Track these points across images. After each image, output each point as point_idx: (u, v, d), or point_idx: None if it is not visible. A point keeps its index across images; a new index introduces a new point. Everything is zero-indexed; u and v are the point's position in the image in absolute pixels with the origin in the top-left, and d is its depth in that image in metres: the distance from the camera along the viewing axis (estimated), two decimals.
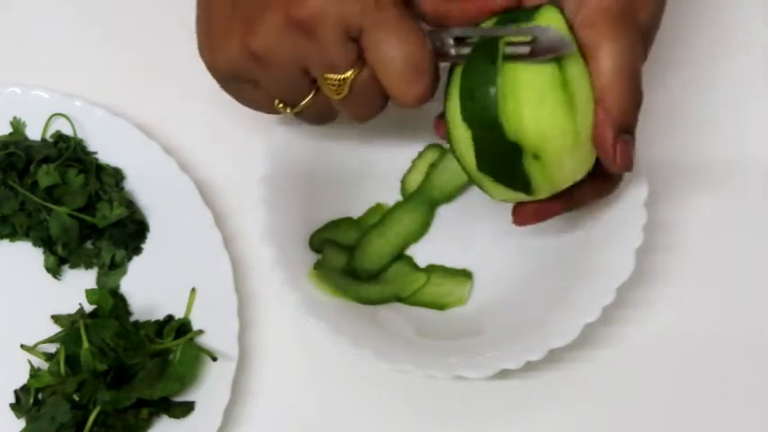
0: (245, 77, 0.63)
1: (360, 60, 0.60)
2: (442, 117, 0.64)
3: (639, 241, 0.68)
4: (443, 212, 0.74)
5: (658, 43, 0.63)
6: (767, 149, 0.77)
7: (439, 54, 0.61)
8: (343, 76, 0.61)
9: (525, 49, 0.59)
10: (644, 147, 0.69)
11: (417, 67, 0.60)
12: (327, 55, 0.60)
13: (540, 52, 0.59)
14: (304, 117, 0.66)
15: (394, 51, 0.59)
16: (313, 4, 0.58)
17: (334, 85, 0.61)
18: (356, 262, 0.72)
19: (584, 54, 0.60)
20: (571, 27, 0.60)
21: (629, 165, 0.61)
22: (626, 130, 0.61)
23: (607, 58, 0.59)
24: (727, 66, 0.79)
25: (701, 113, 0.78)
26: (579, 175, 0.63)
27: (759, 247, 0.74)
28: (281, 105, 0.64)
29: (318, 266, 0.70)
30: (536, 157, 0.60)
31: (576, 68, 0.60)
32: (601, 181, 0.65)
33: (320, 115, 0.66)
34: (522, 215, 0.66)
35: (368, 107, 0.63)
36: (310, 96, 0.63)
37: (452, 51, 0.61)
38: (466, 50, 0.61)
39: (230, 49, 0.61)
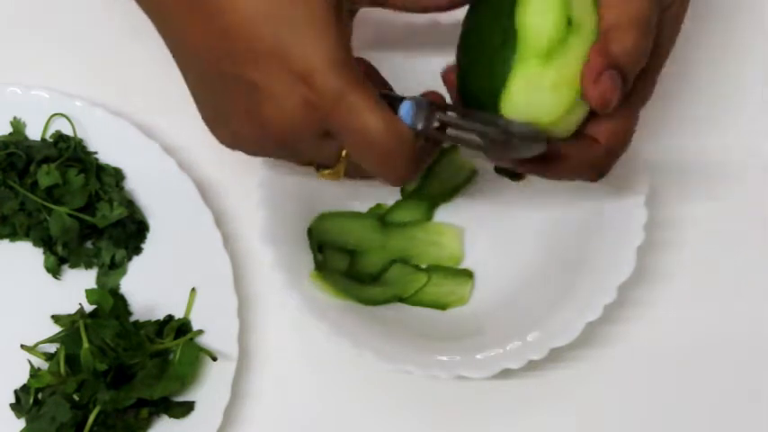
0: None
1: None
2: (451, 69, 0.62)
3: (640, 240, 0.68)
4: (443, 212, 0.74)
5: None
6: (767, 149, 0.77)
7: (423, 127, 0.58)
8: (334, 170, 0.61)
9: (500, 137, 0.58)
10: (645, 145, 0.69)
11: (386, 156, 0.57)
12: (314, 157, 0.60)
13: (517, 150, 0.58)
14: (350, 176, 0.64)
15: (363, 148, 0.57)
16: (276, 128, 0.57)
17: (328, 176, 0.62)
18: (357, 263, 0.72)
19: None
20: None
21: (607, 101, 0.57)
22: (620, 70, 0.57)
23: (619, 2, 0.57)
24: (727, 65, 0.79)
25: (702, 113, 0.78)
26: (546, 107, 0.59)
27: (759, 246, 0.74)
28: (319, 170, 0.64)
29: (320, 268, 0.70)
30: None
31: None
32: (590, 146, 0.60)
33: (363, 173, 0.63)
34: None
35: (370, 176, 0.62)
36: (339, 163, 0.62)
37: (436, 124, 0.59)
38: (452, 132, 0.59)
39: (227, 144, 0.62)
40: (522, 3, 0.58)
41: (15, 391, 0.68)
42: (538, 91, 0.58)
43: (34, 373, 0.67)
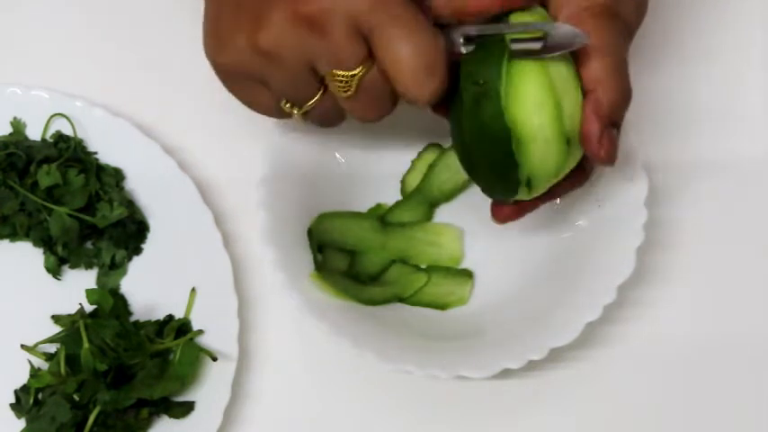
0: (252, 76, 0.62)
1: (369, 58, 0.59)
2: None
3: (640, 240, 0.68)
4: (443, 212, 0.74)
5: (659, 43, 0.63)
6: None
7: (449, 53, 0.60)
8: (351, 73, 0.59)
9: (536, 45, 0.58)
10: (644, 146, 0.69)
11: (430, 66, 0.58)
12: (336, 51, 0.59)
13: (552, 48, 0.58)
14: (311, 118, 0.64)
15: (405, 49, 0.58)
16: (322, 0, 0.57)
17: (341, 83, 0.60)
18: (357, 264, 0.72)
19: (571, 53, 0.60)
20: None
21: (613, 158, 0.60)
22: (613, 124, 0.60)
23: (595, 53, 0.59)
24: (727, 66, 0.79)
25: (702, 113, 0.78)
26: (563, 174, 0.62)
27: (759, 246, 0.74)
28: (287, 105, 0.63)
29: (320, 268, 0.70)
30: (525, 157, 0.60)
31: (563, 69, 0.60)
32: (577, 173, 0.64)
33: (328, 116, 0.64)
34: (501, 212, 0.66)
35: (376, 107, 0.62)
36: (318, 96, 0.62)
37: (462, 50, 0.60)
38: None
39: (237, 46, 0.60)
40: (524, 145, 0.59)
41: (15, 391, 0.68)
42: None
43: (34, 373, 0.67)
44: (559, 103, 0.59)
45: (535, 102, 0.59)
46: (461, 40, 0.60)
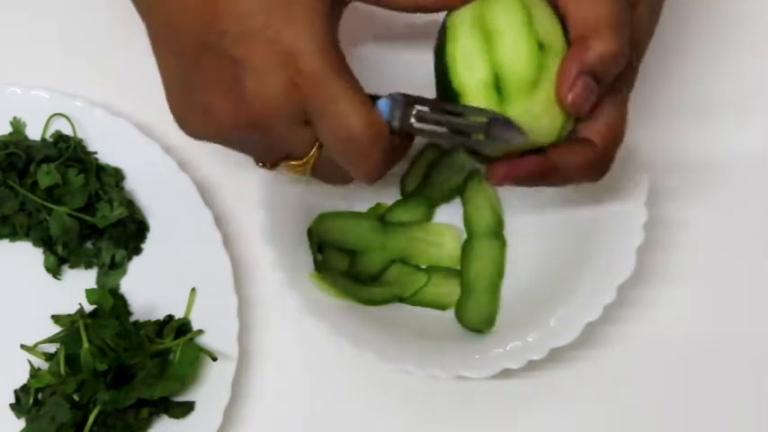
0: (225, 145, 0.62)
1: (318, 141, 0.59)
2: None
3: (640, 240, 0.68)
4: (443, 212, 0.74)
5: (660, 43, 0.63)
6: None
7: (400, 123, 0.58)
8: (302, 161, 0.60)
9: (480, 136, 0.58)
10: (645, 146, 0.69)
11: (360, 149, 0.57)
12: (282, 146, 0.59)
13: (493, 141, 0.58)
14: (317, 175, 0.64)
15: (338, 138, 0.57)
16: (255, 106, 0.57)
17: (296, 169, 0.61)
18: (357, 264, 0.72)
19: (565, 8, 0.59)
20: None
21: (580, 107, 0.58)
22: (594, 75, 0.58)
23: (592, 2, 0.58)
24: (728, 65, 0.79)
25: (703, 112, 0.78)
26: (539, 131, 0.59)
27: (759, 246, 0.74)
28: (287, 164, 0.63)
29: (320, 268, 0.70)
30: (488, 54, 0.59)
31: (549, 24, 0.59)
32: (586, 150, 0.61)
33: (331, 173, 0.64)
34: (494, 172, 0.61)
35: (335, 178, 0.62)
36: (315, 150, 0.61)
37: (413, 121, 0.59)
38: (428, 126, 0.59)
39: (194, 131, 0.60)
40: (495, 41, 0.58)
41: (15, 391, 0.68)
42: (532, 120, 0.59)
43: (34, 373, 0.67)
44: (529, 10, 0.58)
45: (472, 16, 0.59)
46: (413, 120, 0.59)
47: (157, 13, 0.60)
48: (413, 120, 0.59)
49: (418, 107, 0.59)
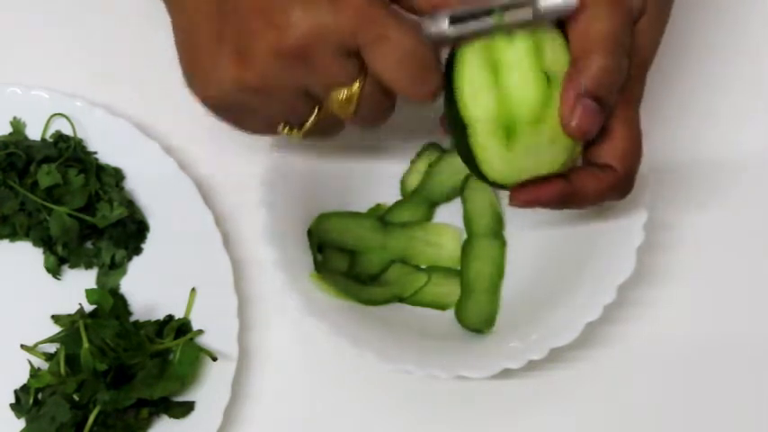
0: (243, 108, 0.61)
1: (362, 71, 0.59)
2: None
3: (640, 240, 0.68)
4: (443, 212, 0.74)
5: (661, 45, 0.63)
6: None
7: (438, 40, 0.59)
8: (348, 93, 0.59)
9: (527, 14, 0.57)
10: (645, 146, 0.69)
11: (424, 66, 0.58)
12: (328, 77, 0.58)
13: (543, 15, 0.57)
14: (309, 135, 0.63)
15: (398, 59, 0.57)
16: (303, 30, 0.56)
17: (341, 102, 0.60)
18: (357, 264, 0.72)
19: (566, 25, 0.59)
20: None
21: (586, 130, 0.58)
22: (594, 96, 0.58)
23: (592, 22, 0.58)
24: (728, 66, 0.79)
25: (703, 113, 0.78)
26: (549, 160, 0.61)
27: (760, 247, 0.74)
28: (285, 130, 0.63)
29: (320, 268, 0.70)
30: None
31: (557, 49, 0.59)
32: (607, 174, 0.62)
33: (327, 130, 0.64)
34: (517, 197, 0.63)
35: (378, 115, 0.62)
36: (314, 115, 0.61)
37: (449, 33, 0.59)
38: (464, 29, 0.59)
39: (223, 83, 0.59)
40: (503, 75, 0.58)
41: (15, 391, 0.68)
42: (537, 151, 0.59)
43: (34, 373, 0.67)
44: (537, 41, 0.58)
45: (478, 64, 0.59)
46: (446, 24, 0.58)
47: None
48: (445, 24, 0.58)
49: (449, 11, 0.59)
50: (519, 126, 0.59)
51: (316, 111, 0.61)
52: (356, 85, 0.59)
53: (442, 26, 0.59)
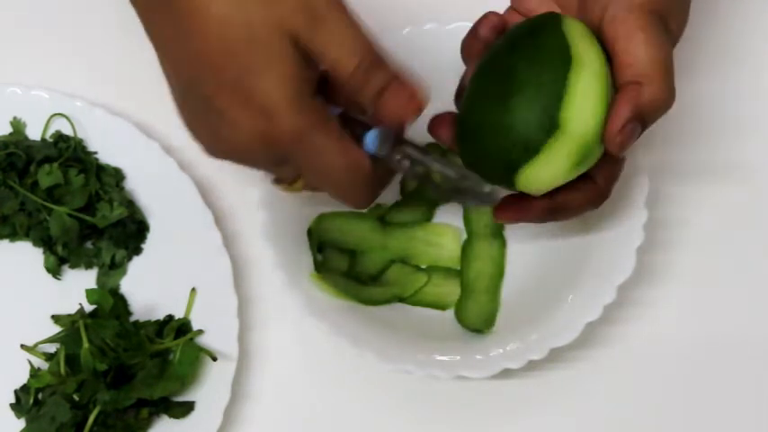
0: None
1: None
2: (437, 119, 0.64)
3: (640, 240, 0.68)
4: (443, 212, 0.74)
5: None
6: None
7: (386, 157, 0.60)
8: (295, 186, 0.62)
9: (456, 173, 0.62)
10: (645, 146, 0.69)
11: (349, 189, 0.59)
12: (273, 174, 0.61)
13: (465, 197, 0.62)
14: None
15: (320, 180, 0.59)
16: (237, 149, 0.58)
17: (291, 190, 0.62)
18: (357, 264, 0.72)
19: (613, 48, 0.59)
20: (598, 27, 0.60)
21: (624, 148, 0.59)
22: (642, 121, 0.59)
23: (644, 47, 0.59)
24: (728, 66, 0.79)
25: (703, 112, 0.78)
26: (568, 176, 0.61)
27: (759, 246, 0.74)
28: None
29: (319, 268, 0.70)
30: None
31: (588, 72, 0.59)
32: (589, 188, 0.63)
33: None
34: (501, 215, 0.65)
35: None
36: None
37: (399, 164, 0.61)
38: (411, 168, 0.61)
39: (207, 149, 0.61)
40: (572, 99, 0.58)
41: (15, 391, 0.68)
42: (556, 168, 0.60)
43: (34, 373, 0.67)
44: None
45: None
46: (398, 156, 0.61)
47: (156, 43, 0.60)
48: (397, 156, 0.60)
49: (404, 148, 0.61)
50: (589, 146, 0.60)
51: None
52: (299, 182, 0.61)
53: (394, 154, 0.60)
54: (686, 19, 0.62)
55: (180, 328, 0.69)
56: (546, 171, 0.60)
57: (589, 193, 0.63)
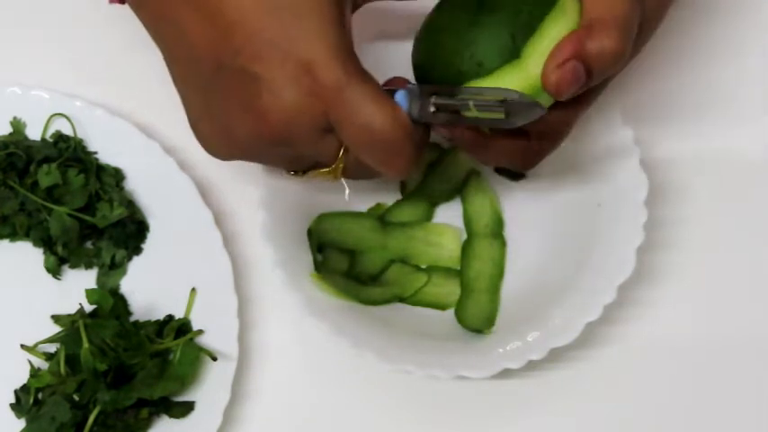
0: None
1: (344, 146, 0.59)
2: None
3: (640, 240, 0.68)
4: (443, 212, 0.74)
5: (661, 42, 0.63)
6: None
7: (419, 114, 0.59)
8: (331, 168, 0.60)
9: (500, 113, 0.57)
10: (644, 144, 0.69)
11: (393, 148, 0.57)
12: (309, 155, 0.59)
13: (512, 118, 0.57)
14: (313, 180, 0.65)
15: (366, 140, 0.57)
16: (277, 115, 0.56)
17: (325, 175, 0.61)
18: (357, 264, 0.72)
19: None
20: None
21: (561, 89, 0.56)
22: (588, 65, 0.57)
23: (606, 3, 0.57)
24: (729, 65, 0.79)
25: (704, 112, 0.78)
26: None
27: (759, 246, 0.74)
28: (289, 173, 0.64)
29: (319, 268, 0.70)
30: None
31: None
32: (518, 140, 0.61)
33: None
34: (457, 133, 0.61)
35: (367, 176, 0.62)
36: (309, 171, 0.63)
37: (432, 108, 0.59)
38: (446, 115, 0.59)
39: (220, 152, 0.61)
40: (540, 39, 0.58)
41: (15, 391, 0.68)
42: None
43: (34, 373, 0.67)
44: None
45: None
46: (432, 109, 0.59)
47: (172, 43, 0.60)
48: (432, 108, 0.59)
49: (435, 97, 0.59)
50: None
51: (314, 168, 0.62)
52: (337, 160, 0.60)
53: (428, 110, 0.59)
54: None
55: (180, 328, 0.69)
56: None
57: (518, 146, 0.61)
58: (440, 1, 0.62)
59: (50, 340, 0.68)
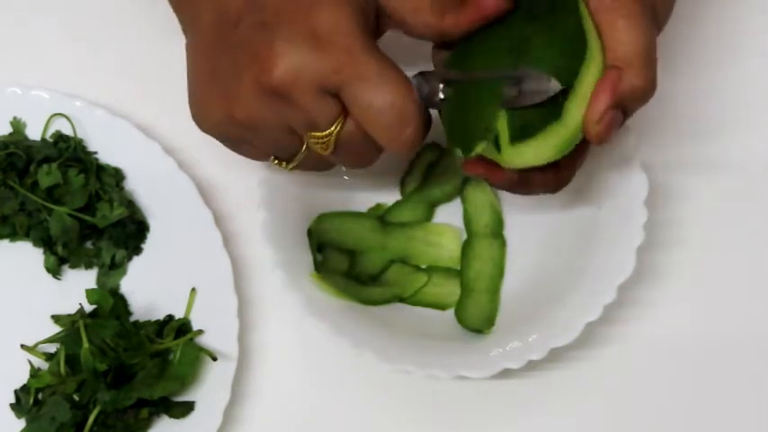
0: (237, 139, 0.63)
1: (342, 113, 0.59)
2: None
3: (640, 240, 0.67)
4: (443, 212, 0.74)
5: (661, 43, 0.63)
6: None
7: (427, 99, 0.60)
8: (326, 133, 0.60)
9: (514, 92, 0.58)
10: (644, 145, 0.69)
11: (403, 117, 0.58)
12: (307, 116, 0.59)
13: (527, 95, 0.58)
14: (302, 168, 0.65)
15: (377, 103, 0.57)
16: (283, 68, 0.57)
17: (318, 143, 0.60)
18: (357, 264, 0.72)
19: (601, 34, 0.59)
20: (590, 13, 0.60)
21: (604, 138, 0.59)
22: (623, 108, 0.58)
23: (627, 33, 0.58)
24: (728, 65, 0.79)
25: (703, 112, 0.78)
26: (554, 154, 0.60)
27: (760, 246, 0.74)
28: (275, 162, 0.64)
29: (319, 268, 0.70)
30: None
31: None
32: (552, 173, 0.62)
33: (316, 166, 0.65)
34: (471, 168, 0.63)
35: (359, 157, 0.62)
36: (302, 151, 0.62)
37: (441, 95, 0.60)
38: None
39: (215, 117, 0.61)
40: (579, 91, 0.58)
41: (15, 391, 0.68)
42: (543, 152, 0.59)
43: (34, 373, 0.67)
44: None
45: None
46: (440, 86, 0.60)
47: (183, 9, 0.61)
48: (440, 96, 0.60)
49: (443, 86, 0.60)
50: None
51: (303, 148, 0.62)
52: (333, 127, 0.59)
53: (436, 87, 0.60)
54: (671, 7, 0.62)
55: (180, 328, 0.69)
56: (533, 153, 0.59)
57: (551, 177, 0.62)
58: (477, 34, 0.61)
59: (50, 340, 0.68)
